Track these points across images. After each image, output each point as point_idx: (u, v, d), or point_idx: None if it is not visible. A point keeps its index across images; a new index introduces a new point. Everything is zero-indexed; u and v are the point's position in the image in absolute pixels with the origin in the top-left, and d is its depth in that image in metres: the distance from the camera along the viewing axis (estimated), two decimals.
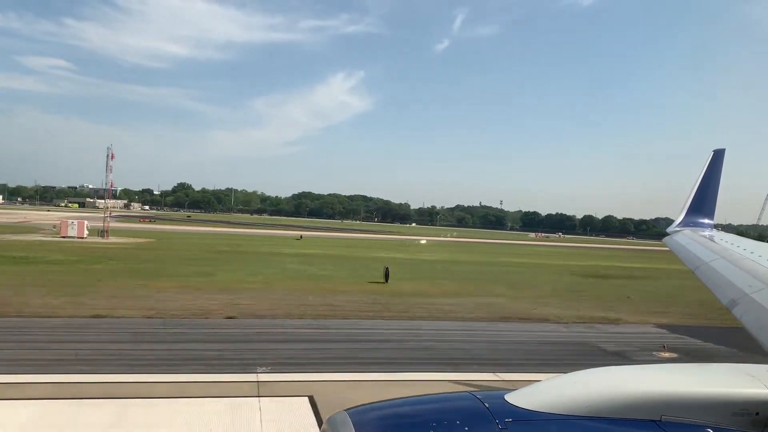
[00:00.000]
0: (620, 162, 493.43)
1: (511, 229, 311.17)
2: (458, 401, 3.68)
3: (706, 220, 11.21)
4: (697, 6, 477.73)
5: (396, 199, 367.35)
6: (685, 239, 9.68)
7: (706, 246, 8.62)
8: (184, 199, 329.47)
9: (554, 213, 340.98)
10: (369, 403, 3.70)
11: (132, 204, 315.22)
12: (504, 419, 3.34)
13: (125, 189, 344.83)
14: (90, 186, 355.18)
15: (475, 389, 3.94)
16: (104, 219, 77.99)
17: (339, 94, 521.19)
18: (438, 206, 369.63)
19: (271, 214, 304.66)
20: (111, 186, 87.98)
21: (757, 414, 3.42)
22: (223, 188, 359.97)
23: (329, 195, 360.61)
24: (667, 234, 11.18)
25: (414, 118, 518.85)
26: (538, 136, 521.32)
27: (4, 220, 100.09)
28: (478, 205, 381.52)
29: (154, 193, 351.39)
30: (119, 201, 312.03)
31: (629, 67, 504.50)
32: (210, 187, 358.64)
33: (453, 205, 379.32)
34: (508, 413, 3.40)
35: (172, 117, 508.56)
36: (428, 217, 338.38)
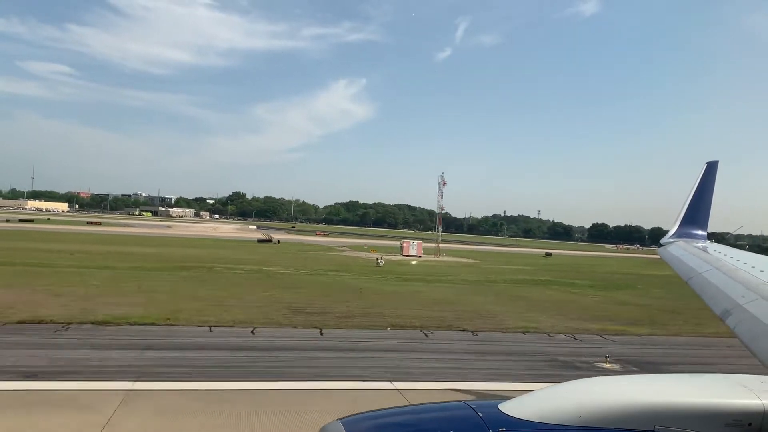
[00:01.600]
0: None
1: (579, 240, 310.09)
2: (452, 410, 3.69)
3: (700, 231, 11.28)
4: (699, 16, 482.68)
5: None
6: (679, 250, 9.72)
7: (700, 257, 8.65)
8: (248, 209, 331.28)
9: (623, 225, 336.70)
10: (363, 413, 3.70)
11: (202, 213, 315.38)
12: (497, 429, 3.35)
13: (181, 198, 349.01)
14: (143, 194, 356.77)
15: (470, 398, 3.93)
16: (437, 238, 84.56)
17: (340, 102, 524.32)
18: (468, 214, 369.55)
19: (336, 224, 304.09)
20: (442, 210, 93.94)
21: (750, 425, 3.43)
22: (271, 197, 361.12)
23: (374, 203, 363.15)
24: (660, 245, 11.23)
25: (415, 126, 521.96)
26: (543, 144, 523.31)
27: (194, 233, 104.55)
28: (517, 215, 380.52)
29: (208, 201, 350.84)
30: (188, 210, 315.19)
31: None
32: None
33: (490, 214, 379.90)
34: (501, 423, 3.41)
35: (173, 123, 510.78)
36: (491, 227, 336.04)
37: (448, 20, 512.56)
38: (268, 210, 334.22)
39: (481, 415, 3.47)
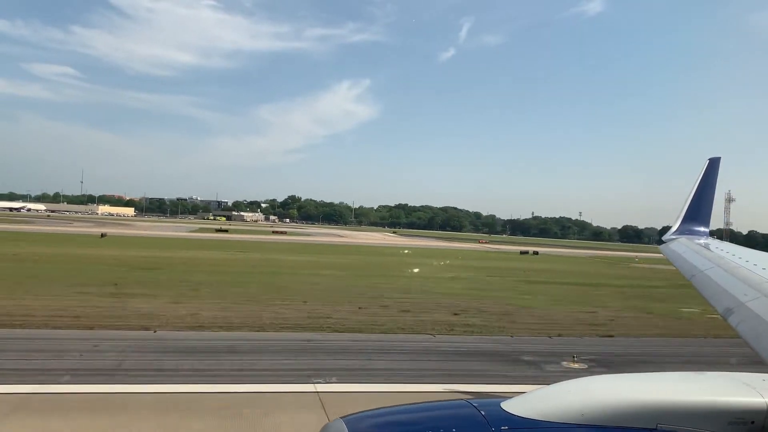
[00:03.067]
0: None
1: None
2: (454, 409, 3.68)
3: (702, 228, 11.25)
4: (703, 15, 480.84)
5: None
6: (681, 247, 9.70)
7: (702, 254, 8.63)
8: (312, 213, 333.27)
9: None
10: (365, 411, 3.69)
11: (271, 218, 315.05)
12: (500, 427, 3.34)
13: (237, 201, 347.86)
14: (198, 198, 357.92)
15: (472, 397, 3.94)
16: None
17: (344, 103, 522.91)
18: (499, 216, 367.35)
19: (402, 227, 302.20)
20: (728, 225, 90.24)
21: (753, 423, 3.42)
22: (325, 201, 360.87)
23: (422, 206, 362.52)
24: (663, 242, 11.21)
25: (419, 127, 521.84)
26: (547, 146, 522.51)
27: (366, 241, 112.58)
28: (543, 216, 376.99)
29: (263, 205, 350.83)
30: (259, 215, 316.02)
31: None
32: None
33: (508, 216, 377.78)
34: (503, 421, 3.40)
35: (176, 125, 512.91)
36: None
37: (452, 21, 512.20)
38: (333, 214, 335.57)
39: (483, 413, 3.47)
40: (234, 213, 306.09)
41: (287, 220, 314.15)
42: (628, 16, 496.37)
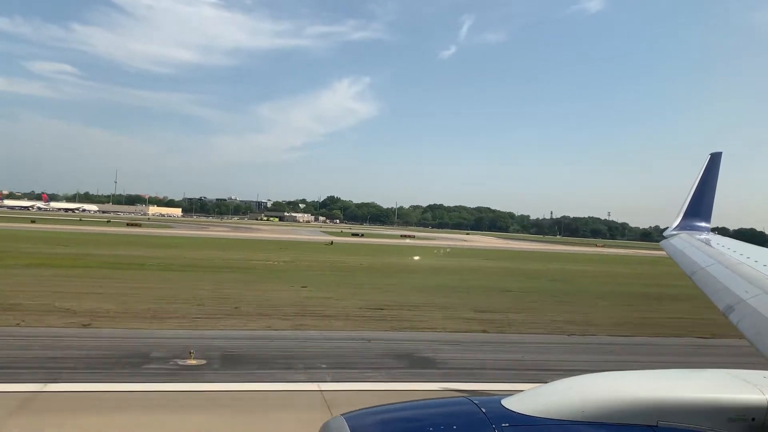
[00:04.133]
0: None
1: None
2: (455, 406, 3.69)
3: (703, 224, 11.24)
4: (703, 12, 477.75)
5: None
6: (682, 243, 9.69)
7: (703, 250, 8.63)
8: (357, 213, 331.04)
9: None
10: (366, 408, 3.70)
11: (320, 218, 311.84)
12: (501, 424, 3.35)
13: (277, 201, 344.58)
14: (237, 198, 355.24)
15: (472, 394, 3.94)
16: None
17: (344, 100, 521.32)
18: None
19: (450, 228, 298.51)
20: None
21: (753, 420, 3.42)
22: (365, 202, 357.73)
23: (456, 207, 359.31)
24: (663, 237, 11.20)
25: (419, 124, 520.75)
26: (546, 143, 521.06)
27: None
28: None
29: (301, 206, 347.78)
30: (309, 216, 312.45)
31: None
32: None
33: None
34: (504, 418, 3.41)
35: (176, 122, 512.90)
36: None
37: (453, 18, 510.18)
38: (380, 215, 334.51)
39: (484, 410, 3.47)
40: (285, 214, 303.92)
41: (337, 221, 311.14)
42: (628, 13, 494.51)
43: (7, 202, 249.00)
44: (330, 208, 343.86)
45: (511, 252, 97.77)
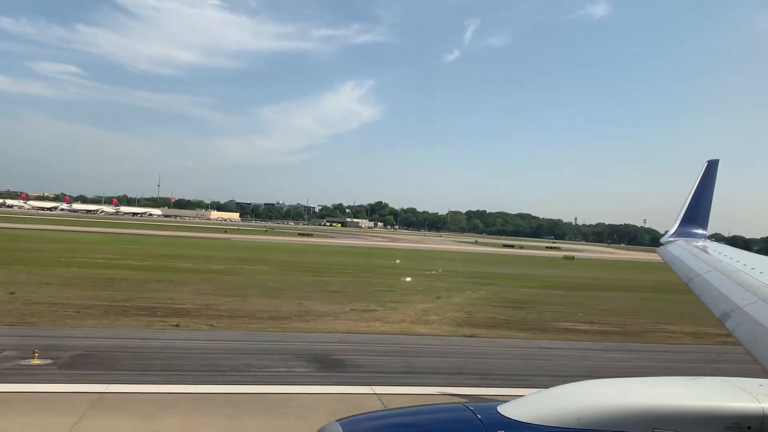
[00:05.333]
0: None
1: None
2: (451, 412, 3.69)
3: (700, 231, 11.24)
4: (708, 18, 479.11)
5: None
6: (679, 250, 9.68)
7: (700, 257, 8.62)
8: (413, 219, 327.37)
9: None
10: (361, 414, 3.70)
11: (379, 224, 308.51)
12: (496, 431, 3.34)
13: (326, 207, 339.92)
14: (285, 203, 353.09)
15: (468, 401, 3.93)
16: None
17: (347, 103, 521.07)
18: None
19: (508, 236, 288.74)
20: None
21: (749, 428, 3.41)
22: (412, 207, 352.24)
23: (498, 213, 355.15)
24: (660, 244, 11.20)
25: (422, 128, 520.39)
26: (543, 149, 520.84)
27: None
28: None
29: (346, 211, 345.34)
30: (368, 222, 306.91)
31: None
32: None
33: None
34: (500, 425, 3.41)
35: (179, 124, 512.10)
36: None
37: (457, 22, 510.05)
38: (438, 221, 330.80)
39: (479, 417, 3.47)
40: (348, 220, 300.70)
41: (396, 227, 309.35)
42: (632, 19, 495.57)
43: (77, 206, 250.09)
44: (381, 214, 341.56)
45: None
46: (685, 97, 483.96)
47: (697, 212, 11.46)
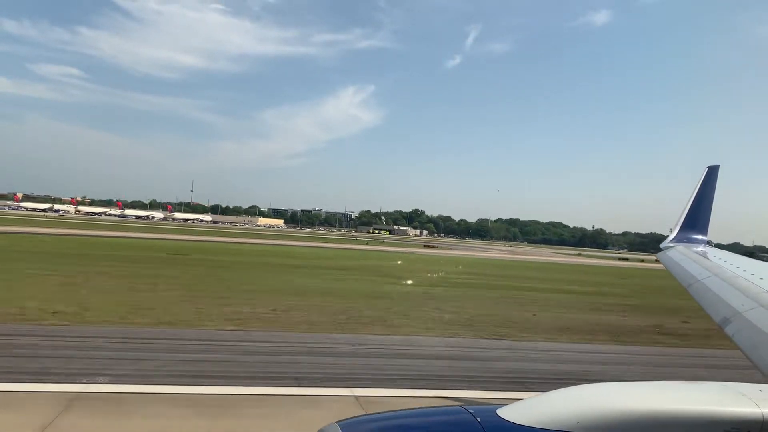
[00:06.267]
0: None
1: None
2: (450, 415, 3.68)
3: (700, 236, 11.26)
4: (709, 26, 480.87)
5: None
6: (679, 255, 9.70)
7: (699, 263, 8.63)
8: (455, 228, 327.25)
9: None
10: (360, 416, 3.69)
11: (424, 233, 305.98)
12: None
13: (365, 212, 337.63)
14: (324, 210, 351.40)
15: (467, 403, 3.93)
16: None
17: (348, 108, 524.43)
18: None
19: (554, 244, 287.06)
20: None
21: None
22: (443, 215, 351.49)
23: (531, 221, 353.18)
24: (660, 250, 11.22)
25: (423, 133, 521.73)
26: (547, 155, 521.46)
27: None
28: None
29: (381, 217, 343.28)
30: (415, 230, 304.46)
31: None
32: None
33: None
34: (499, 428, 3.39)
35: (180, 127, 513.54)
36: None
37: (459, 28, 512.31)
38: (481, 229, 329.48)
39: (479, 419, 3.46)
40: (395, 227, 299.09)
41: (442, 234, 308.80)
42: (634, 26, 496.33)
43: (129, 212, 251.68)
44: (420, 221, 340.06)
45: None
46: (681, 104, 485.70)
47: (697, 218, 11.48)
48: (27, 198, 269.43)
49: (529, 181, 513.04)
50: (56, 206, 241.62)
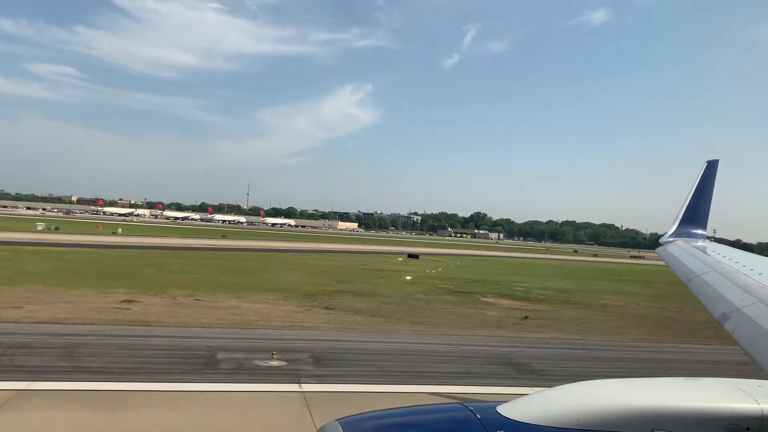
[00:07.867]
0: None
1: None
2: (450, 412, 3.69)
3: (699, 231, 11.25)
4: (707, 25, 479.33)
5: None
6: (678, 250, 9.68)
7: (699, 258, 8.61)
8: (522, 230, 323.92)
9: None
10: (361, 413, 3.69)
11: (491, 236, 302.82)
12: (496, 431, 3.34)
13: (432, 214, 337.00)
14: (384, 213, 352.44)
15: (468, 401, 3.94)
16: None
17: (346, 107, 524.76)
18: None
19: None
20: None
21: (748, 429, 3.42)
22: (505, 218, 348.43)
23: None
24: (659, 244, 11.20)
25: (420, 131, 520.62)
26: (549, 153, 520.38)
27: None
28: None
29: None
30: (493, 234, 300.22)
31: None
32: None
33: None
34: (499, 425, 3.41)
35: (178, 126, 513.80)
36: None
37: (457, 27, 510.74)
38: (556, 232, 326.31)
39: (479, 417, 3.47)
40: (476, 231, 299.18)
41: (521, 238, 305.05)
42: (632, 25, 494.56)
43: (218, 216, 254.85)
44: (477, 224, 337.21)
45: None
46: (679, 101, 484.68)
47: (696, 212, 11.46)
48: (82, 201, 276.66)
49: (526, 179, 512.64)
50: (137, 211, 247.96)
